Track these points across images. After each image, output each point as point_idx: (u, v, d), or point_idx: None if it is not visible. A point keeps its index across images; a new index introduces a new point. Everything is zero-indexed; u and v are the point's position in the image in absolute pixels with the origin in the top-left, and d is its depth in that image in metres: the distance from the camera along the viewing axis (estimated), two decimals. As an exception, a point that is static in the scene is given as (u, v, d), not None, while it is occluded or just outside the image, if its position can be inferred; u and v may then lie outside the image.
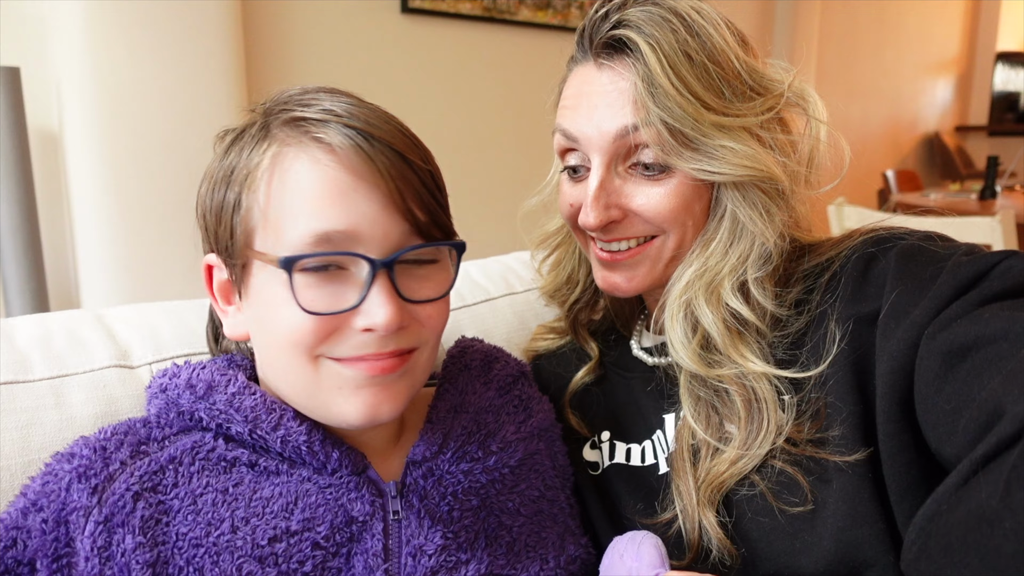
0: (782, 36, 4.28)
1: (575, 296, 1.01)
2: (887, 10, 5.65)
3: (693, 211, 0.81)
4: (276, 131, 0.68)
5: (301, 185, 0.65)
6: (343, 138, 0.65)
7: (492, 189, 3.03)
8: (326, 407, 0.68)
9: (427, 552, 0.71)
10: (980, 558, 0.49)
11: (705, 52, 0.77)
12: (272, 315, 0.67)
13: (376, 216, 0.65)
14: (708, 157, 0.76)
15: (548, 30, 3.17)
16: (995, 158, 4.35)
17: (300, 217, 0.64)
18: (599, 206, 0.80)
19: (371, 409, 0.67)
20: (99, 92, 1.91)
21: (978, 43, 6.91)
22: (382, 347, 0.66)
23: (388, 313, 0.64)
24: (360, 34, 2.69)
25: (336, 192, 0.64)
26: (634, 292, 0.86)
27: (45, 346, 0.82)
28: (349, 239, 0.64)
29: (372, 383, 0.67)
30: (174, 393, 0.72)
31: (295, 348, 0.66)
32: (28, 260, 1.79)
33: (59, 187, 2.01)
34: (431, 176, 0.70)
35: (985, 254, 0.70)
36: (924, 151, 6.60)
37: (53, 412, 0.77)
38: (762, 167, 0.76)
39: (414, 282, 0.68)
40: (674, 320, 0.81)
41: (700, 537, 0.75)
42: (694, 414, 0.79)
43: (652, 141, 0.77)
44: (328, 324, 0.65)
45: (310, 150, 0.65)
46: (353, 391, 0.67)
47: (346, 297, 0.65)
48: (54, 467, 0.67)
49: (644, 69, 0.76)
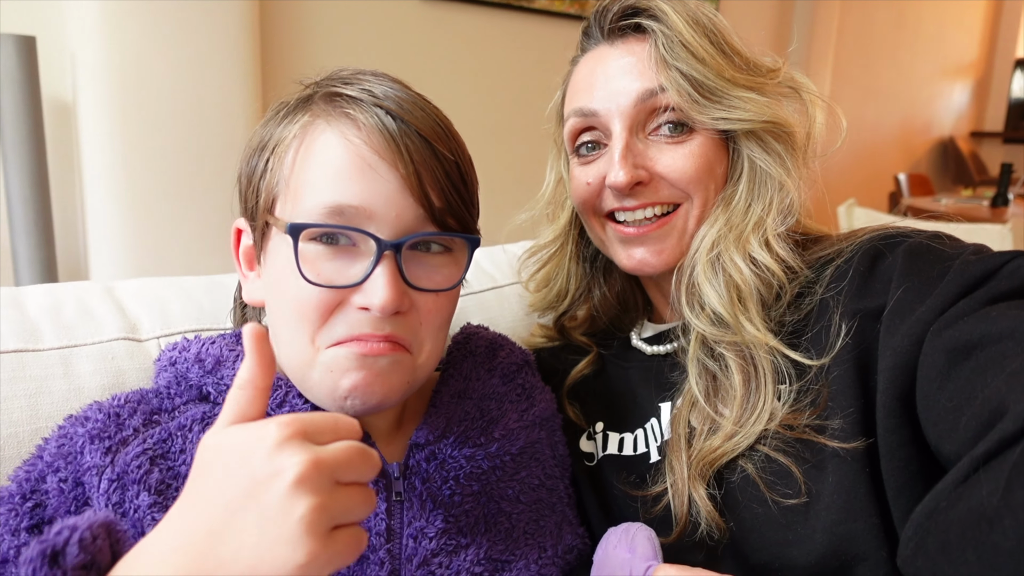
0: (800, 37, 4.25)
1: (563, 308, 1.03)
2: (905, 13, 5.61)
3: (715, 173, 0.84)
4: (314, 104, 0.70)
5: (324, 157, 0.66)
6: (371, 116, 0.66)
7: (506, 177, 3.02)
8: (318, 384, 0.68)
9: (428, 535, 0.72)
10: (978, 555, 0.49)
11: (713, 27, 0.83)
12: (281, 283, 0.68)
13: (391, 197, 0.65)
14: (729, 107, 0.80)
15: (565, 19, 3.16)
16: (1009, 165, 4.33)
17: (318, 188, 0.65)
18: (627, 164, 0.81)
19: (361, 392, 0.66)
20: (114, 64, 1.91)
21: (997, 48, 6.86)
22: (377, 329, 0.66)
23: (387, 295, 0.64)
24: (378, 20, 2.68)
25: (355, 168, 0.65)
26: (662, 267, 0.86)
27: (55, 316, 0.83)
28: (362, 216, 0.65)
29: (363, 365, 0.66)
30: (183, 367, 0.73)
31: (300, 322, 0.66)
32: (38, 230, 1.80)
33: (71, 158, 2.01)
34: (456, 167, 0.69)
35: (993, 254, 0.70)
36: (938, 155, 6.56)
37: (61, 381, 0.78)
38: (779, 115, 0.81)
39: (422, 270, 0.68)
40: (709, 274, 0.81)
41: (688, 511, 0.76)
42: (697, 383, 0.80)
43: (675, 96, 0.80)
44: (330, 298, 0.65)
45: (339, 124, 0.67)
46: (343, 374, 0.66)
47: (351, 273, 0.66)
48: (68, 430, 0.68)
49: (666, 25, 0.81)
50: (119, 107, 1.93)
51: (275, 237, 0.69)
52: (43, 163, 1.80)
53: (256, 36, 2.19)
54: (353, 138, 0.66)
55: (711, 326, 0.80)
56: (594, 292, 1.02)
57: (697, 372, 0.81)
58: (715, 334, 0.79)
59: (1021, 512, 0.47)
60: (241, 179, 0.74)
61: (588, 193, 0.87)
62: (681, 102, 0.80)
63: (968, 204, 4.45)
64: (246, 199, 0.73)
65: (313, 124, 0.68)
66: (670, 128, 0.82)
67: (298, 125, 0.69)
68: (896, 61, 5.66)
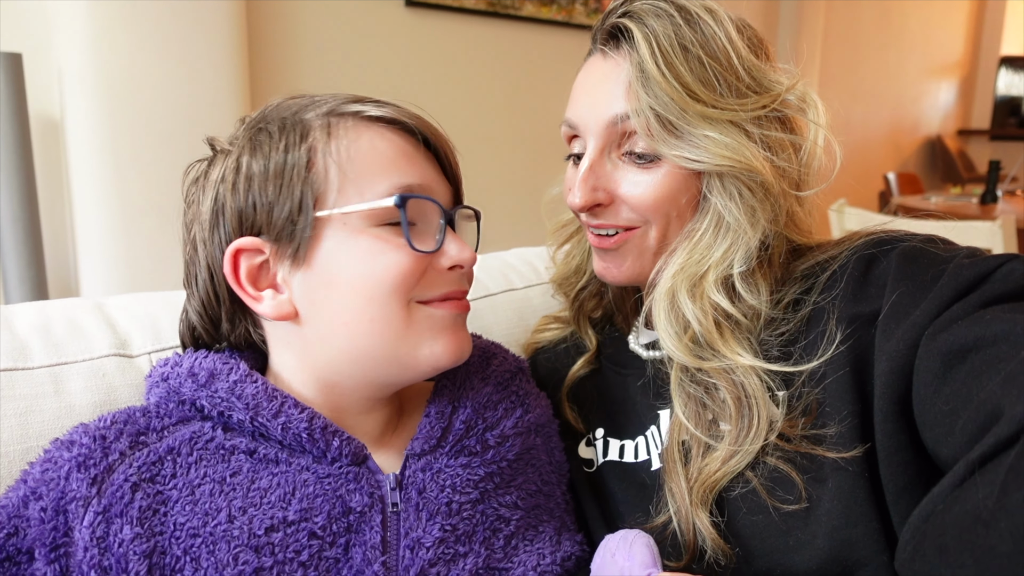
0: (786, 37, 4.28)
1: (581, 284, 1.03)
2: (891, 12, 5.65)
3: (678, 203, 0.81)
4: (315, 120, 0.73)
5: (381, 146, 0.72)
6: (400, 115, 0.74)
7: (494, 185, 3.03)
8: (416, 350, 0.73)
9: (425, 545, 0.71)
10: (975, 558, 0.49)
11: (703, 46, 0.78)
12: (363, 268, 0.70)
13: (436, 177, 0.76)
14: (691, 146, 0.77)
15: (552, 26, 3.17)
16: (997, 162, 4.35)
17: (385, 173, 0.71)
18: (586, 187, 0.82)
19: (458, 347, 0.75)
20: (101, 80, 1.91)
21: (982, 47, 6.91)
22: (465, 285, 0.77)
23: (470, 251, 0.75)
24: (364, 26, 2.69)
25: (406, 154, 0.74)
26: (624, 281, 0.88)
27: (45, 334, 0.82)
28: (425, 192, 0.73)
29: (456, 323, 0.76)
30: (176, 382, 0.72)
31: (394, 293, 0.70)
32: (28, 247, 1.79)
33: (60, 175, 2.01)
34: (454, 155, 0.80)
35: (987, 257, 0.70)
36: (926, 154, 6.60)
37: (52, 400, 0.77)
38: (741, 159, 0.76)
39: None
40: (660, 312, 0.81)
41: (695, 538, 0.75)
42: (684, 411, 0.79)
43: (639, 127, 0.79)
44: (421, 264, 0.72)
45: (373, 121, 0.74)
46: (441, 332, 0.74)
47: (426, 244, 0.73)
48: (53, 454, 0.67)
49: (636, 57, 0.79)
50: (107, 122, 1.92)
51: (336, 230, 0.70)
52: (31, 180, 1.79)
53: (244, 50, 2.19)
54: (390, 131, 0.74)
55: (679, 357, 0.80)
56: None
57: (683, 400, 0.80)
58: (686, 363, 0.79)
59: (1017, 515, 0.47)
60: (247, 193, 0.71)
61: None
62: (644, 134, 0.79)
63: (957, 202, 4.47)
64: (270, 209, 0.70)
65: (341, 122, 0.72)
66: (636, 156, 0.81)
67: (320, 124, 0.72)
68: (883, 61, 5.69)
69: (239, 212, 0.72)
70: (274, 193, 0.70)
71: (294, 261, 0.71)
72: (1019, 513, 0.47)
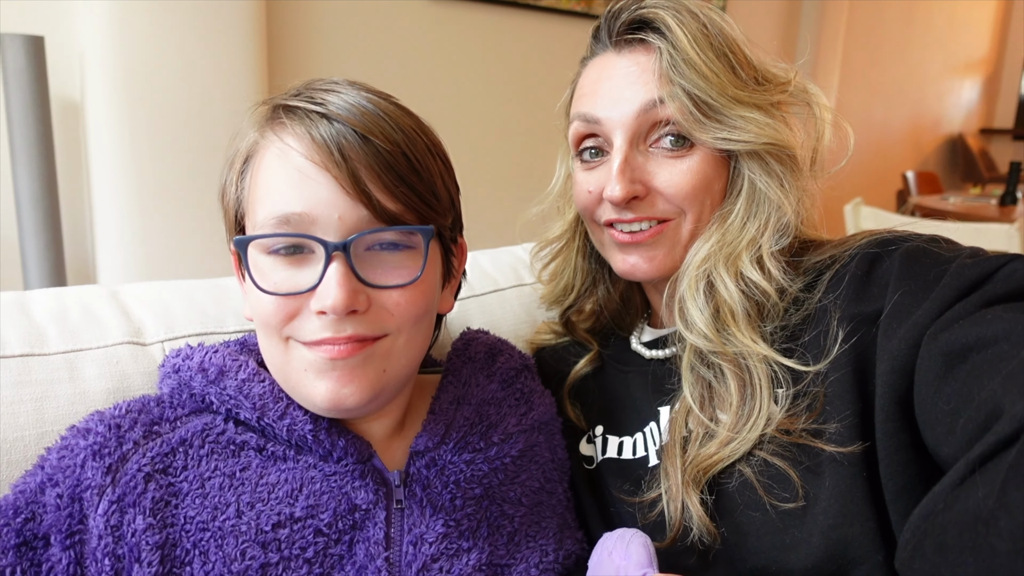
0: (807, 33, 4.23)
1: (569, 303, 1.04)
2: (915, 10, 5.57)
3: (712, 189, 0.83)
4: (263, 118, 0.72)
5: (269, 170, 0.69)
6: (302, 124, 0.67)
7: (512, 177, 3.02)
8: (298, 389, 0.70)
9: (428, 540, 0.72)
10: (975, 557, 0.49)
11: (722, 39, 0.82)
12: (251, 296, 0.70)
13: (331, 200, 0.66)
14: (730, 127, 0.80)
15: (572, 16, 3.16)
16: (1018, 164, 4.28)
17: (265, 200, 0.68)
18: (624, 179, 0.82)
19: (333, 394, 0.67)
20: (122, 63, 1.92)
21: (1007, 45, 6.80)
22: (338, 331, 0.66)
23: (337, 295, 0.64)
24: (386, 18, 2.68)
25: (295, 177, 0.67)
26: (655, 275, 0.87)
27: (61, 320, 0.84)
28: (306, 222, 0.66)
29: (334, 367, 0.67)
30: (186, 375, 0.74)
31: (266, 328, 0.69)
32: (47, 230, 1.81)
33: (79, 158, 2.03)
34: (404, 158, 0.68)
35: (989, 257, 0.70)
36: (947, 153, 6.52)
37: (67, 386, 0.79)
38: (781, 136, 0.81)
39: (381, 268, 0.68)
40: (693, 291, 0.81)
41: (682, 516, 0.76)
42: (692, 392, 0.81)
43: (676, 112, 0.80)
44: (288, 305, 0.67)
45: (280, 136, 0.69)
46: (317, 375, 0.67)
47: (305, 280, 0.67)
48: (70, 441, 0.68)
49: (671, 41, 0.80)
50: (127, 106, 1.94)
51: (248, 253, 0.70)
52: (51, 163, 1.81)
53: (263, 35, 2.19)
54: (291, 148, 0.67)
55: (702, 339, 0.80)
56: (599, 288, 1.03)
57: (692, 381, 0.82)
58: (707, 345, 0.80)
59: (1017, 513, 0.47)
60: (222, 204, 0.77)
61: (589, 200, 0.88)
62: (682, 119, 0.80)
63: (976, 203, 4.42)
64: (225, 220, 0.76)
65: (259, 142, 0.71)
66: (671, 141, 0.82)
67: (248, 143, 0.72)
68: (905, 58, 5.62)
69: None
70: (223, 209, 0.76)
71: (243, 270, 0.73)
72: (1019, 512, 0.47)
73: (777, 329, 0.79)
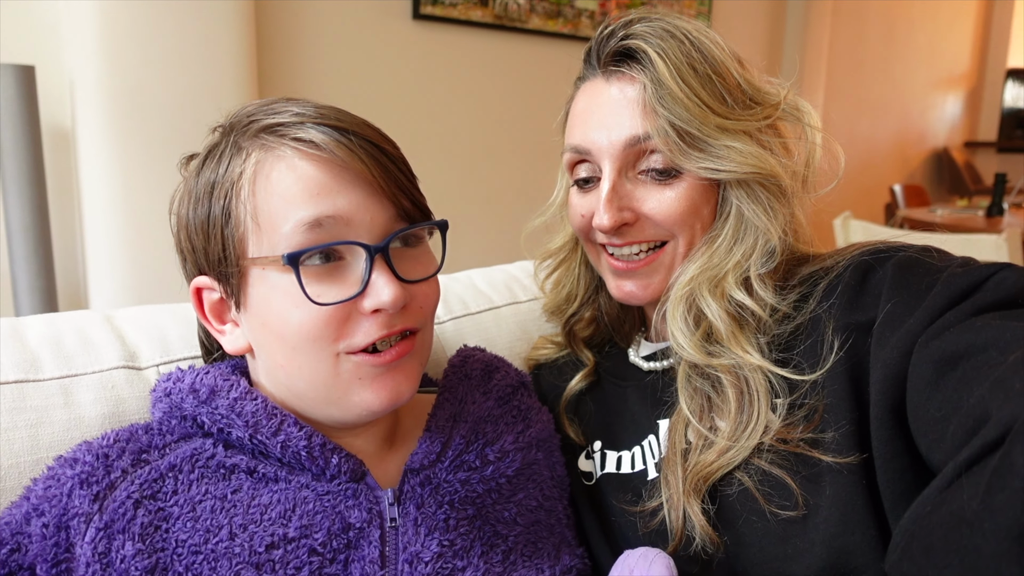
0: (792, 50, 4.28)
1: (571, 311, 1.04)
2: (897, 25, 5.65)
3: (701, 214, 0.84)
4: (250, 140, 0.70)
5: (288, 182, 0.67)
6: (322, 135, 0.67)
7: (500, 197, 3.04)
8: (346, 398, 0.70)
9: (424, 559, 0.72)
10: (960, 559, 0.50)
11: (708, 64, 0.82)
12: (284, 317, 0.68)
13: (364, 202, 0.68)
14: (715, 157, 0.81)
15: (558, 39, 3.19)
16: (1003, 175, 4.33)
17: (290, 211, 0.67)
18: (612, 208, 0.83)
19: (392, 393, 0.70)
20: (112, 92, 1.93)
21: (988, 59, 6.90)
22: (391, 326, 0.69)
23: (393, 291, 0.67)
24: (371, 40, 2.71)
25: (324, 184, 0.67)
26: (650, 300, 0.88)
27: (55, 346, 0.84)
28: (340, 225, 0.67)
29: (390, 368, 0.70)
30: (177, 397, 0.73)
31: (314, 344, 0.68)
32: (38, 258, 1.81)
33: (71, 186, 2.03)
34: (405, 163, 0.73)
35: (980, 266, 0.71)
36: (932, 166, 6.59)
37: (62, 411, 0.78)
38: (765, 165, 0.81)
39: (407, 263, 0.71)
40: (676, 312, 0.83)
41: (684, 525, 0.76)
42: (690, 404, 0.81)
43: (661, 144, 0.81)
44: (340, 313, 0.67)
45: (292, 149, 0.68)
46: (372, 379, 0.70)
47: (349, 285, 0.68)
48: (57, 471, 0.68)
49: (653, 75, 0.81)
50: (118, 134, 1.94)
51: (259, 279, 0.69)
52: (43, 191, 1.81)
53: (253, 62, 2.21)
54: (312, 158, 0.67)
55: (692, 356, 0.81)
56: (600, 296, 1.03)
57: (689, 392, 0.82)
58: (700, 360, 0.81)
59: (1000, 515, 0.47)
60: (192, 237, 0.73)
61: (583, 224, 0.89)
62: (666, 151, 0.81)
63: (963, 214, 4.46)
64: (207, 253, 0.72)
65: (264, 159, 0.69)
66: (656, 172, 0.83)
67: (249, 163, 0.69)
68: (888, 74, 5.69)
69: (189, 253, 0.74)
70: (203, 241, 0.72)
71: (236, 301, 0.72)
72: (1003, 514, 0.47)
73: (771, 340, 0.80)
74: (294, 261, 0.66)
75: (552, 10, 3.12)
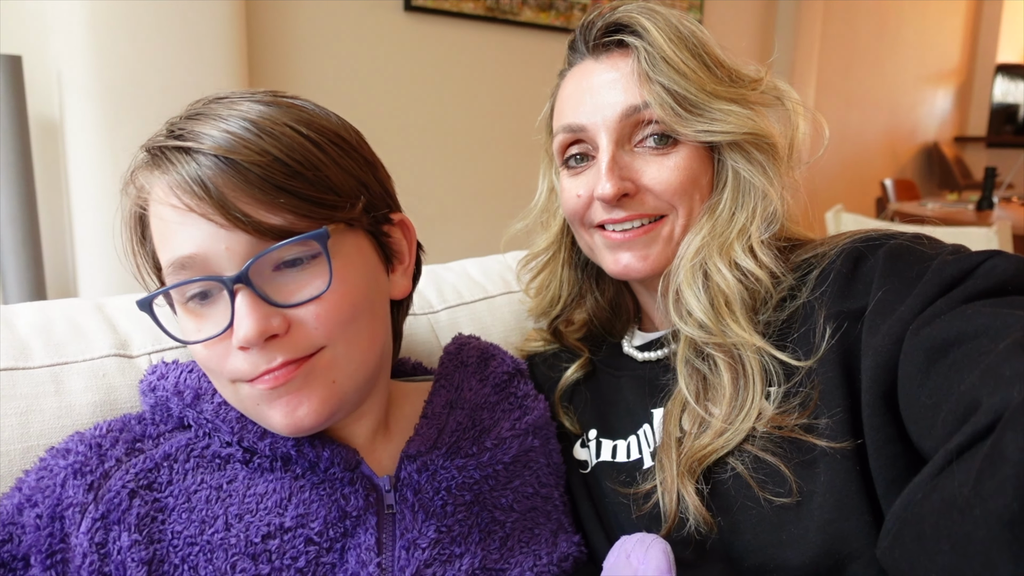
0: (783, 45, 4.29)
1: (556, 313, 1.04)
2: (887, 21, 5.68)
3: (700, 183, 0.85)
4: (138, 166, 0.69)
5: (155, 227, 0.67)
6: (163, 168, 0.64)
7: (491, 189, 3.03)
8: (262, 419, 0.68)
9: (420, 545, 0.72)
10: (951, 545, 0.50)
11: (695, 41, 0.84)
12: (191, 348, 0.68)
13: (213, 234, 0.62)
14: (710, 119, 0.82)
15: (550, 31, 3.18)
16: (993, 169, 4.37)
17: (162, 255, 0.66)
18: (614, 176, 0.83)
19: (288, 418, 0.65)
20: (100, 82, 1.91)
21: (978, 54, 6.94)
22: (270, 361, 0.63)
23: (247, 327, 0.61)
24: (362, 31, 2.69)
25: (171, 224, 0.64)
26: (648, 273, 0.87)
27: (46, 334, 0.83)
28: (201, 263, 0.63)
29: (279, 394, 0.64)
30: (163, 395, 0.73)
31: (211, 373, 0.68)
32: (27, 249, 1.79)
33: (59, 176, 2.01)
34: (279, 165, 0.63)
35: (970, 253, 0.71)
36: (923, 161, 6.62)
37: (52, 399, 0.77)
38: (759, 126, 0.83)
39: (290, 285, 0.64)
40: (690, 281, 0.82)
41: (678, 507, 0.77)
42: (688, 384, 0.81)
43: (659, 110, 0.81)
44: (218, 348, 0.64)
45: (153, 184, 0.66)
46: (268, 405, 0.65)
47: (222, 320, 0.64)
48: (49, 462, 0.67)
49: (647, 42, 0.82)
50: (106, 124, 1.93)
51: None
52: (31, 181, 1.80)
53: (243, 54, 2.19)
54: (166, 192, 0.64)
55: (698, 330, 0.81)
56: (587, 298, 1.03)
57: (687, 373, 0.82)
58: (703, 337, 0.80)
59: (991, 501, 0.47)
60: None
61: (578, 205, 0.88)
62: (664, 116, 0.81)
63: (954, 208, 4.48)
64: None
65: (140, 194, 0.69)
66: (655, 140, 0.84)
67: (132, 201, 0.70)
68: (879, 68, 5.71)
69: None
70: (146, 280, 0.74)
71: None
72: (993, 500, 0.47)
73: (767, 326, 0.80)
74: (145, 307, 0.66)
75: (544, 2, 3.12)
